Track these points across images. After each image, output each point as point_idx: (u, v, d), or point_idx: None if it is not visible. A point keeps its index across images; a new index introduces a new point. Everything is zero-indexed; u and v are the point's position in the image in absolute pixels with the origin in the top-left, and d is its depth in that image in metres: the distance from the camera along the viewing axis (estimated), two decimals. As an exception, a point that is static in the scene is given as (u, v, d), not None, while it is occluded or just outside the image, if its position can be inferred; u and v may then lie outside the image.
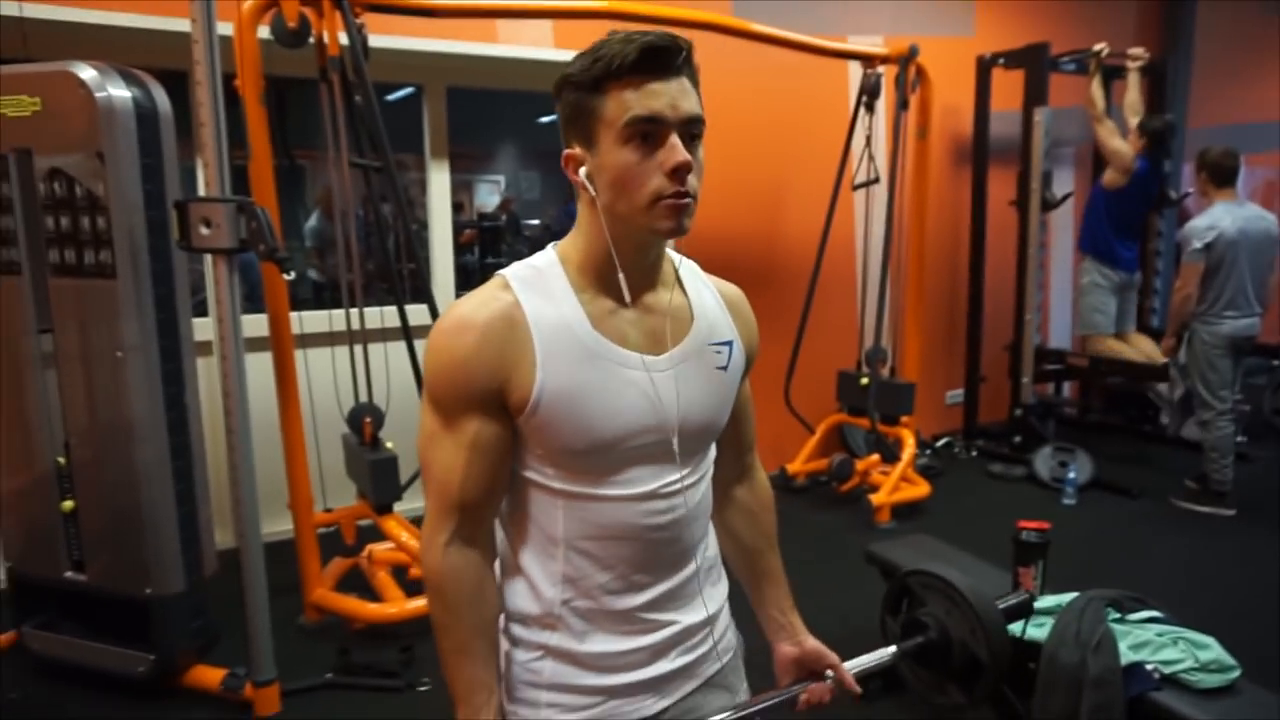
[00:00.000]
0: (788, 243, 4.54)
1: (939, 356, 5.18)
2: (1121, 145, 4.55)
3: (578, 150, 0.98)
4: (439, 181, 4.02)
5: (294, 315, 2.82)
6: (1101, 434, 5.22)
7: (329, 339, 3.03)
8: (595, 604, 1.03)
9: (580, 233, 1.03)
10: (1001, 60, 4.84)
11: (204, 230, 2.20)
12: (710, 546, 1.16)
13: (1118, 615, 2.09)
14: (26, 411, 2.46)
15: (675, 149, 0.93)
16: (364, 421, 3.00)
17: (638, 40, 0.92)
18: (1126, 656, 1.94)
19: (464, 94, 3.98)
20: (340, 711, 2.50)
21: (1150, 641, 1.99)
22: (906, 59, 3.99)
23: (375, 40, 2.83)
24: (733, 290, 1.18)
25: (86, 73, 2.21)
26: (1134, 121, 4.70)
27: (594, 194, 0.97)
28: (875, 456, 4.33)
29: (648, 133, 0.93)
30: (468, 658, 1.01)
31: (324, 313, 3.34)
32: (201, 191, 3.09)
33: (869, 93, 4.11)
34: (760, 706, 1.14)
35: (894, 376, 4.43)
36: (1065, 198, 4.88)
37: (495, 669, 1.05)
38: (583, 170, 0.98)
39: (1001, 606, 1.31)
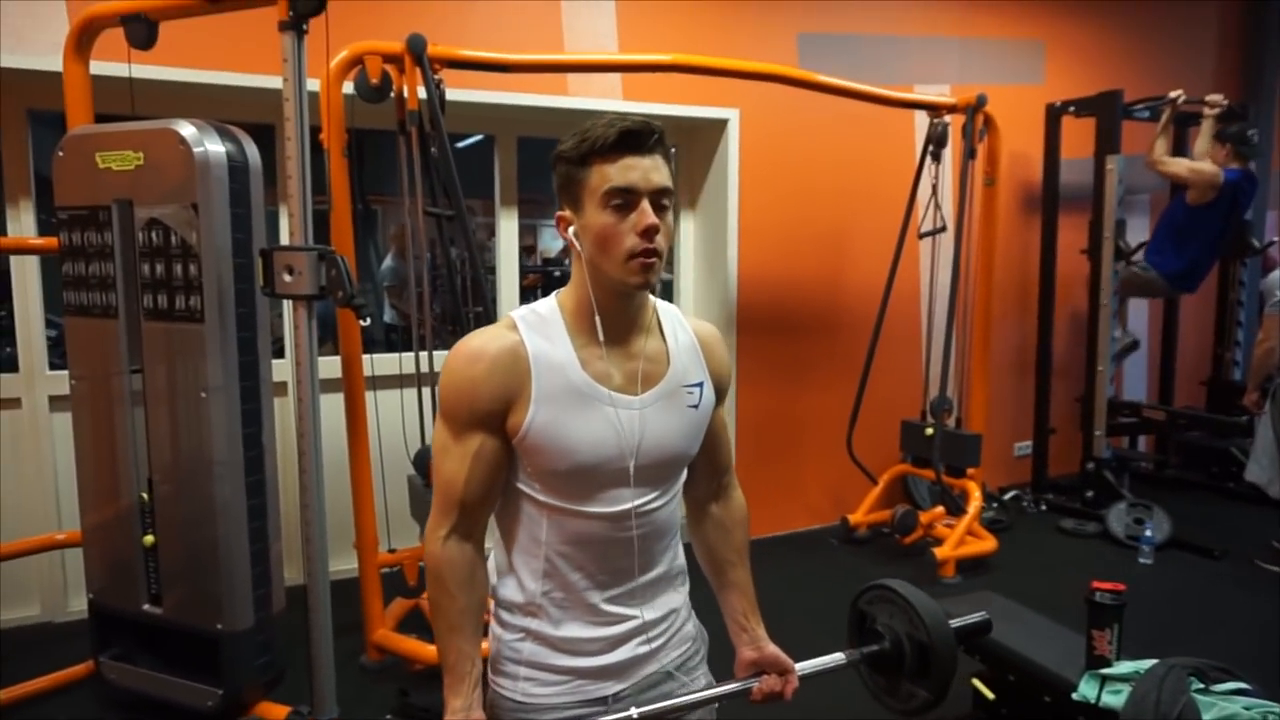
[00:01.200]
0: (852, 290, 4.52)
1: (1007, 407, 5.07)
2: (1206, 167, 4.38)
3: (568, 213, 1.18)
4: (507, 228, 4.12)
5: (365, 358, 2.91)
6: (1180, 490, 5.03)
7: (398, 381, 3.11)
8: (569, 596, 1.23)
9: (572, 284, 1.22)
10: (1072, 108, 4.78)
11: (287, 277, 2.29)
12: (677, 557, 1.33)
13: (1201, 686, 2.00)
14: (115, 447, 2.57)
15: (645, 213, 1.12)
16: (429, 464, 3.05)
17: (617, 125, 1.11)
18: (1211, 731, 1.86)
19: (533, 142, 4.09)
20: (400, 753, 2.52)
21: (1237, 715, 1.90)
22: (974, 108, 3.98)
23: (451, 94, 2.94)
24: (707, 331, 1.34)
25: (186, 130, 2.34)
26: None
27: (580, 250, 1.16)
28: (940, 509, 4.24)
29: (623, 201, 1.12)
30: (458, 634, 1.20)
31: (394, 355, 3.42)
32: (284, 237, 3.23)
33: (935, 142, 4.10)
34: (716, 692, 1.30)
35: (960, 427, 4.34)
36: (1140, 247, 4.77)
37: (479, 643, 1.22)
38: (571, 229, 1.18)
39: (954, 624, 1.41)
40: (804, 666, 1.36)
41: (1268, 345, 3.90)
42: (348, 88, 2.79)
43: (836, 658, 1.41)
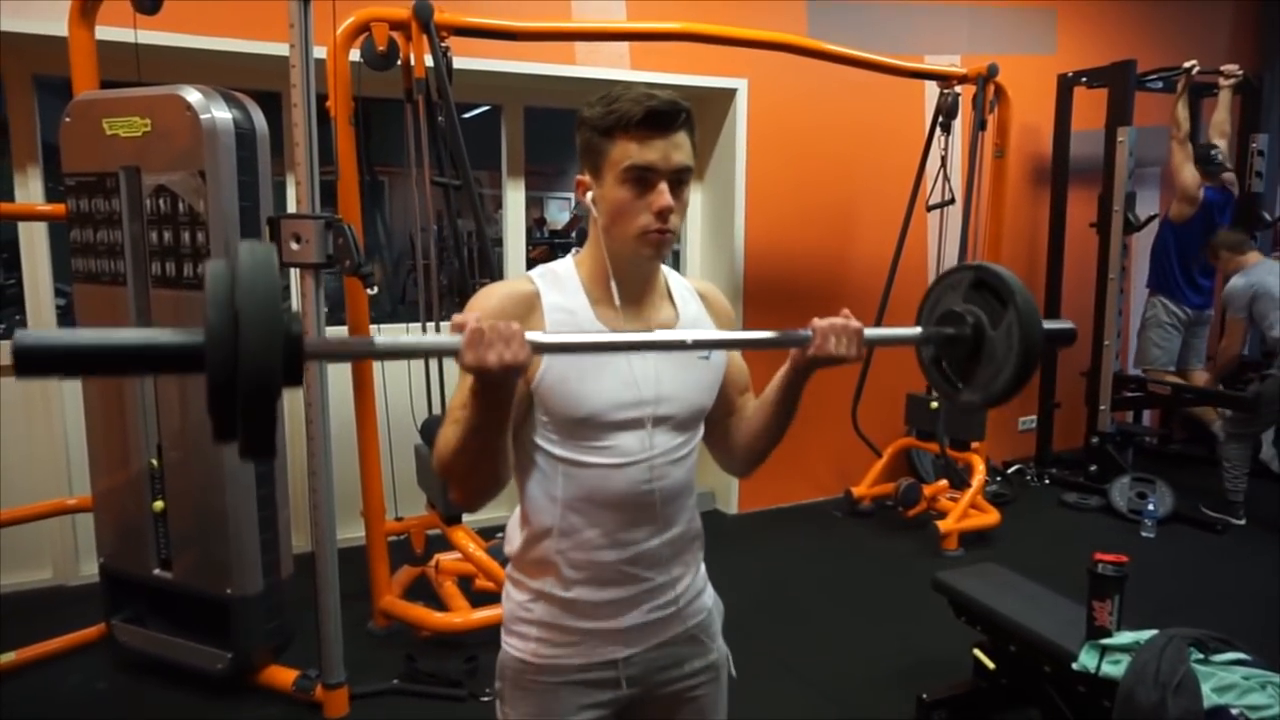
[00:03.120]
0: (859, 262, 4.51)
1: (1012, 381, 5.05)
2: (1189, 174, 4.47)
3: (587, 178, 1.20)
4: (514, 199, 4.11)
5: (373, 327, 2.91)
6: (1183, 465, 5.03)
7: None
8: (583, 555, 1.22)
9: (589, 247, 1.24)
10: (1084, 79, 4.73)
11: (294, 245, 2.29)
12: (693, 520, 1.32)
13: (1201, 656, 2.02)
14: (125, 414, 2.59)
15: (662, 194, 1.13)
16: (437, 433, 3.07)
17: (644, 103, 1.11)
18: (1210, 699, 1.88)
19: (540, 113, 4.07)
20: (406, 717, 2.55)
21: (1236, 685, 1.91)
22: (985, 78, 3.94)
23: (458, 62, 2.92)
24: (707, 287, 1.37)
25: (193, 96, 2.34)
26: (1222, 143, 4.55)
27: (596, 216, 1.19)
28: (943, 482, 4.25)
29: (641, 178, 1.13)
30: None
31: (401, 325, 3.43)
32: (291, 207, 3.22)
33: (945, 113, 4.06)
34: (767, 335, 1.19)
35: (965, 400, 4.33)
36: (1150, 219, 4.74)
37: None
38: (589, 195, 1.20)
39: (1047, 327, 1.21)
40: (873, 331, 1.20)
41: (1232, 351, 4.18)
42: (354, 55, 2.77)
43: (912, 331, 1.26)
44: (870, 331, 1.19)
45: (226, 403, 0.79)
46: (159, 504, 2.59)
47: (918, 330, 1.27)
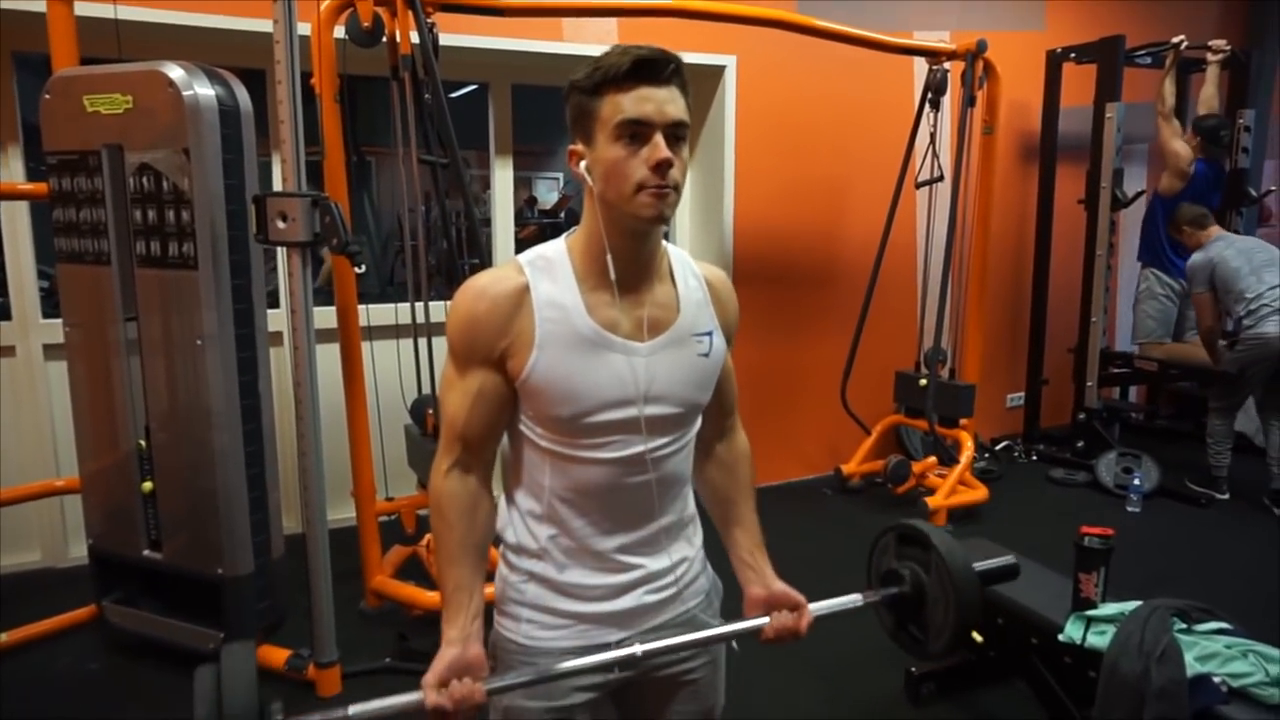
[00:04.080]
0: (848, 240, 4.51)
1: (1000, 358, 5.09)
2: (1180, 147, 4.47)
3: (580, 146, 1.14)
4: (502, 178, 4.08)
5: (361, 308, 2.90)
6: (1169, 440, 5.07)
7: (394, 332, 3.11)
8: (574, 543, 1.21)
9: (583, 224, 1.18)
10: (1073, 55, 4.72)
11: (280, 224, 2.27)
12: (687, 507, 1.31)
13: (1184, 626, 2.05)
14: (112, 395, 2.57)
15: (658, 147, 1.07)
16: (426, 413, 3.07)
17: (632, 53, 1.07)
18: (1193, 668, 1.90)
19: (527, 91, 4.03)
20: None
21: (1218, 653, 1.94)
22: (974, 54, 3.92)
23: (444, 39, 2.89)
24: (718, 277, 1.30)
25: (175, 72, 2.30)
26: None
27: (591, 185, 1.12)
28: (932, 459, 4.28)
29: (636, 133, 1.07)
30: (456, 565, 1.19)
31: (390, 306, 3.41)
32: (277, 186, 3.19)
33: (934, 89, 4.05)
34: (725, 630, 1.27)
35: (953, 378, 4.36)
36: (1137, 196, 4.75)
37: (479, 578, 1.21)
38: (583, 164, 1.13)
39: (979, 568, 1.34)
40: (818, 607, 1.32)
41: (1206, 324, 4.18)
42: (339, 32, 2.74)
43: (854, 599, 1.36)
44: (816, 608, 1.32)
45: None
46: (148, 485, 2.58)
47: (859, 596, 1.38)
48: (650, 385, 1.16)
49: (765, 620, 1.28)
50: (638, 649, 1.20)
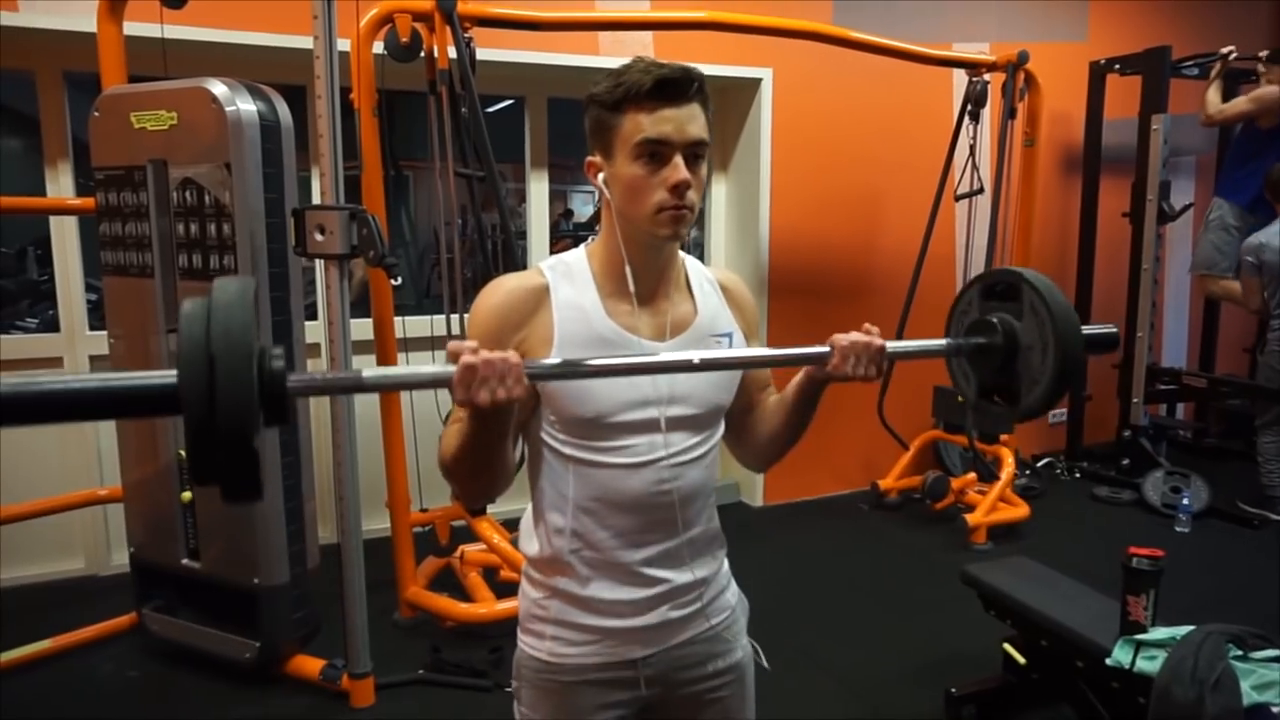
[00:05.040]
0: (886, 252, 4.46)
1: (1042, 373, 4.98)
2: (1259, 92, 4.32)
3: (598, 159, 1.14)
4: (538, 191, 4.10)
5: (397, 320, 2.92)
6: (1219, 459, 4.93)
7: (430, 344, 3.12)
8: (598, 555, 1.18)
9: (602, 235, 1.19)
10: (1117, 66, 4.64)
11: (319, 237, 2.30)
12: (712, 520, 1.28)
13: (1239, 653, 1.97)
14: (153, 406, 2.61)
15: (678, 168, 1.07)
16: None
17: (654, 72, 1.06)
18: (1250, 697, 1.83)
19: (564, 105, 4.05)
20: (431, 708, 2.56)
21: (1276, 682, 1.86)
22: (1015, 66, 3.87)
23: (481, 53, 2.91)
24: (732, 280, 1.30)
25: (218, 88, 2.35)
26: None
27: (609, 197, 1.13)
28: (972, 475, 4.20)
29: (655, 152, 1.08)
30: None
31: (426, 318, 3.44)
32: (316, 200, 3.24)
33: (974, 101, 4.00)
34: (782, 353, 1.12)
35: (994, 393, 4.27)
36: (1185, 209, 4.64)
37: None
38: (601, 176, 1.14)
39: (1086, 332, 1.13)
40: (897, 345, 1.14)
41: (1254, 306, 4.11)
42: (378, 47, 2.77)
43: (937, 343, 1.20)
44: (893, 345, 1.13)
45: (205, 445, 0.76)
46: (187, 495, 2.61)
47: (943, 341, 1.21)
48: (671, 386, 1.16)
49: (827, 350, 1.11)
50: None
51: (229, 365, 0.76)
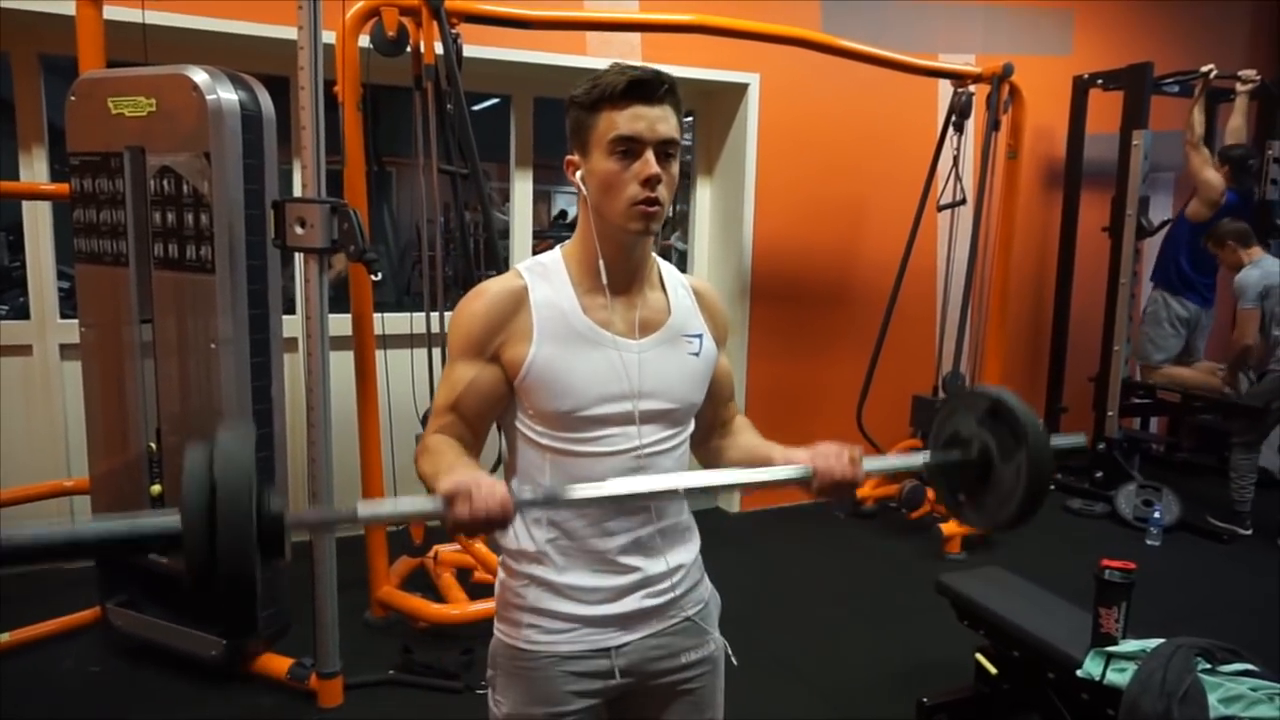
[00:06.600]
0: (868, 261, 4.47)
1: (1020, 385, 5.02)
2: (1212, 176, 4.43)
3: (576, 158, 1.21)
4: (522, 190, 4.08)
5: (376, 316, 2.89)
6: (1191, 474, 4.99)
7: (409, 341, 3.10)
8: (573, 543, 1.23)
9: (578, 232, 1.24)
10: (1100, 81, 4.69)
11: (299, 230, 2.27)
12: (683, 513, 1.32)
13: (1208, 666, 1.98)
14: (124, 397, 2.57)
15: (649, 163, 1.14)
16: (437, 423, 3.05)
17: (628, 74, 1.13)
18: (1216, 710, 1.84)
19: (550, 105, 4.04)
20: (400, 708, 2.53)
21: (1243, 696, 1.88)
22: (1000, 78, 3.90)
23: (468, 51, 2.89)
24: (703, 285, 1.36)
25: (199, 76, 2.31)
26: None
27: (585, 194, 1.20)
28: (949, 485, 4.21)
29: (628, 149, 1.14)
30: (450, 467, 1.12)
31: (405, 315, 3.41)
32: (297, 194, 3.20)
33: (959, 112, 4.03)
34: (764, 475, 1.19)
35: (972, 403, 4.29)
36: (1163, 225, 4.69)
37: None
38: (578, 174, 1.20)
39: (1054, 444, 1.19)
40: (874, 463, 1.20)
41: (1244, 342, 4.14)
42: (363, 40, 2.75)
43: (914, 459, 1.27)
44: (871, 463, 1.20)
45: (206, 583, 0.83)
46: (156, 488, 2.57)
47: (921, 458, 1.27)
48: (643, 380, 1.21)
49: (808, 468, 1.16)
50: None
51: (231, 517, 0.83)
